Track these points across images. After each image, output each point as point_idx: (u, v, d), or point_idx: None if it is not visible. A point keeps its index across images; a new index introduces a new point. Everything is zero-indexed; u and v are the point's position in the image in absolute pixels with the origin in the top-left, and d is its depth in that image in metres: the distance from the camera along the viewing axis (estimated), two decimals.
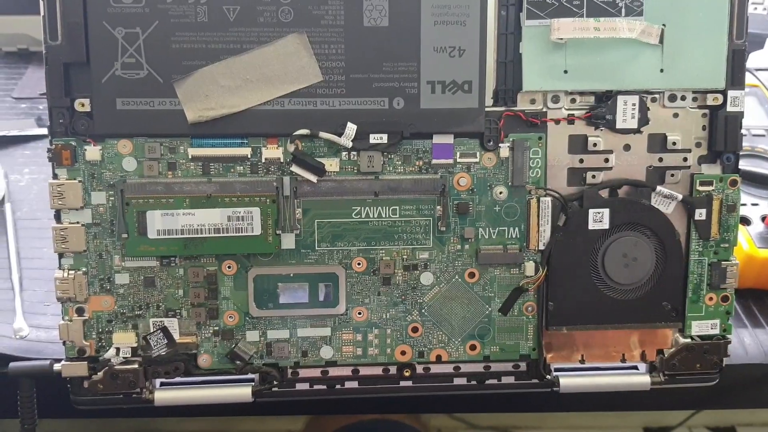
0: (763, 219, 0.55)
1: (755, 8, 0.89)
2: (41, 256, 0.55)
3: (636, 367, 0.46)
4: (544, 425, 1.09)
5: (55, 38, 0.40)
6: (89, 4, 0.39)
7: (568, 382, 0.45)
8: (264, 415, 0.77)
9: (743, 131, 0.53)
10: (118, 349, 0.43)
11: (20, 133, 0.66)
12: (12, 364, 0.44)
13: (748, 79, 0.69)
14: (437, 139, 0.43)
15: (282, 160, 0.42)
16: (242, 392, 0.44)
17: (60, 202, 0.41)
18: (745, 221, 0.55)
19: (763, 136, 0.62)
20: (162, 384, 0.44)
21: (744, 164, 0.59)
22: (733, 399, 0.54)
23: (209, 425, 1.06)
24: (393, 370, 0.45)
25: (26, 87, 0.73)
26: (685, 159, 0.44)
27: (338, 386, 0.45)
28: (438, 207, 0.43)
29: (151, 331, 0.43)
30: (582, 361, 0.46)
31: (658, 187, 0.44)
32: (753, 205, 0.56)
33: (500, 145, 0.43)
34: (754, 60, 0.75)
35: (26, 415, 0.44)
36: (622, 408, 0.64)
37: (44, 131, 0.41)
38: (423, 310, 0.44)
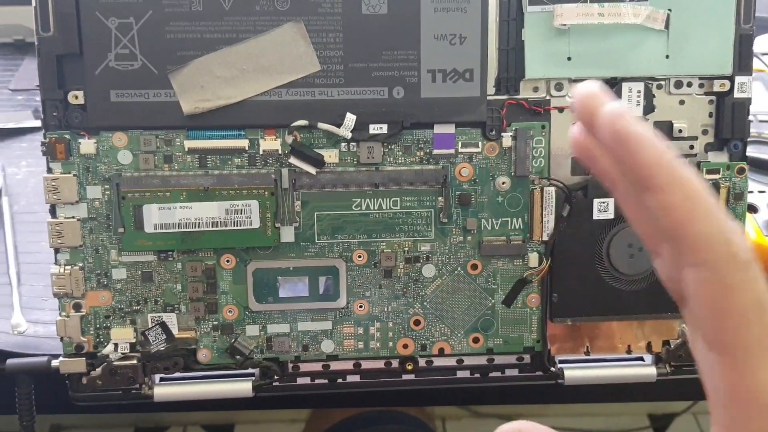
0: None
1: None
2: (39, 251, 0.54)
3: (642, 359, 0.46)
4: (548, 413, 1.09)
5: (47, 29, 0.39)
6: None
7: (573, 374, 0.44)
8: (265, 409, 0.77)
9: (749, 117, 0.51)
10: (116, 345, 0.42)
11: (17, 126, 0.66)
12: (9, 361, 0.43)
13: (755, 64, 0.68)
14: (438, 128, 0.42)
15: (280, 152, 0.41)
16: (243, 387, 0.43)
17: (55, 197, 0.40)
18: (752, 209, 0.54)
19: None
20: (161, 379, 0.44)
21: (750, 151, 0.58)
22: None
23: (213, 416, 1.06)
24: (395, 363, 0.45)
25: (23, 78, 0.72)
26: (692, 147, 0.43)
27: (340, 380, 0.44)
28: (439, 198, 0.42)
29: (150, 326, 0.42)
30: (587, 353, 0.45)
31: None
32: (760, 192, 0.55)
33: (503, 134, 0.42)
34: (761, 44, 0.74)
35: (24, 412, 0.44)
36: (624, 399, 0.64)
37: (41, 124, 0.40)
38: (425, 303, 0.44)
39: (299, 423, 0.93)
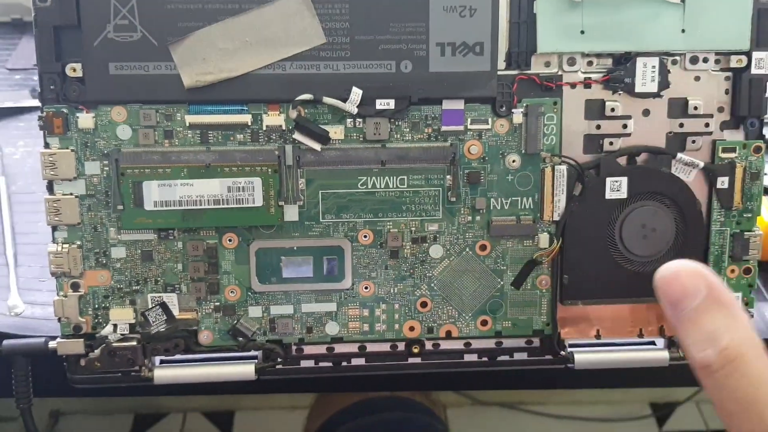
0: None
1: None
2: (36, 231, 0.53)
3: (654, 343, 0.45)
4: (550, 401, 1.08)
5: None
6: None
7: (584, 358, 0.43)
8: (267, 393, 0.76)
9: (767, 95, 0.50)
10: (115, 326, 0.41)
11: (14, 105, 0.65)
12: (5, 342, 0.42)
13: None
14: (447, 104, 0.41)
15: (284, 128, 0.40)
16: (245, 370, 0.42)
17: (52, 173, 0.39)
18: None
19: None
20: (162, 361, 0.42)
21: (765, 131, 0.57)
22: None
23: (213, 403, 1.05)
24: (401, 346, 0.43)
25: (20, 58, 0.71)
26: (707, 124, 0.42)
27: (344, 363, 0.43)
28: (448, 176, 0.41)
29: (150, 306, 0.41)
30: (598, 337, 0.44)
31: (679, 154, 0.42)
32: None
33: (513, 110, 0.41)
34: None
35: (21, 394, 0.43)
36: (627, 385, 0.63)
37: (39, 102, 0.39)
38: (432, 285, 0.43)
39: (300, 410, 0.93)
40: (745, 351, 0.26)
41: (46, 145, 0.39)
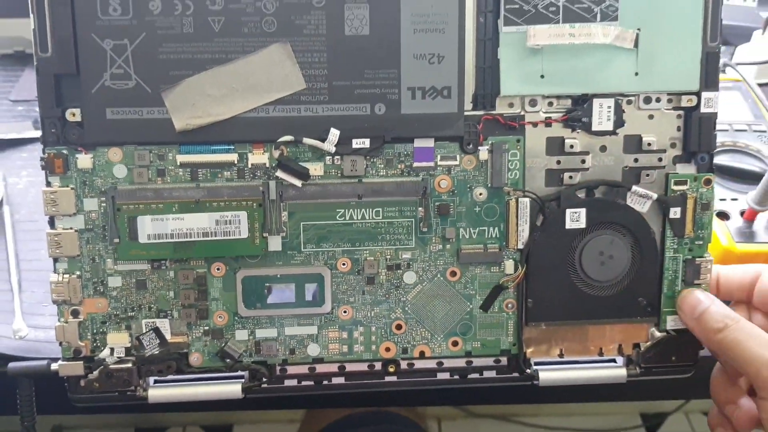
0: (742, 214, 0.56)
1: (744, 0, 0.89)
2: (39, 258, 0.56)
3: (614, 361, 0.48)
4: (542, 412, 1.11)
5: (46, 50, 0.41)
6: (78, 17, 0.41)
7: (548, 375, 0.46)
8: (263, 409, 0.79)
9: (726, 126, 0.53)
10: (112, 349, 0.44)
11: (18, 136, 0.68)
12: (11, 365, 0.45)
13: (732, 74, 0.70)
14: (418, 143, 0.44)
15: (268, 166, 0.43)
16: (232, 389, 0.45)
17: (54, 209, 0.42)
18: (724, 216, 0.56)
19: (745, 131, 0.63)
20: (155, 382, 0.46)
21: (725, 159, 0.60)
22: None
23: (211, 417, 1.08)
24: (378, 366, 0.47)
25: (23, 89, 0.74)
26: (660, 159, 0.45)
27: (325, 382, 0.47)
28: (420, 208, 0.45)
29: (144, 331, 0.44)
30: (561, 356, 0.47)
31: (634, 187, 0.45)
32: (732, 200, 0.57)
33: (479, 147, 0.44)
34: (740, 54, 0.76)
35: (26, 413, 0.46)
36: (616, 398, 0.66)
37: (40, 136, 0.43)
38: (406, 308, 0.46)
39: (296, 423, 0.95)
40: (740, 318, 0.41)
41: (48, 184, 0.42)
